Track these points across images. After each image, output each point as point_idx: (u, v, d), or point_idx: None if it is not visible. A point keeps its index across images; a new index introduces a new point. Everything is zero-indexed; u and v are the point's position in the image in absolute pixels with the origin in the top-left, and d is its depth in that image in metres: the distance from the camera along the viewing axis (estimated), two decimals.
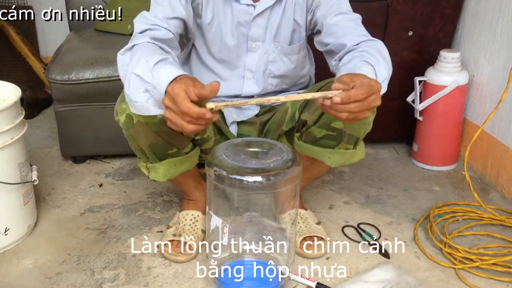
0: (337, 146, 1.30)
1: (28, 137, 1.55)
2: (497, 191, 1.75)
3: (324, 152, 1.31)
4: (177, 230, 1.41)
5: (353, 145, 1.32)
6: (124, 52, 1.14)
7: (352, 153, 1.33)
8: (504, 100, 1.48)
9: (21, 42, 2.47)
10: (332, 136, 1.28)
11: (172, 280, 1.31)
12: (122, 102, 1.21)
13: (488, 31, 1.77)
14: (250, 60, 1.39)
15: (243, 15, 1.34)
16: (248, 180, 1.13)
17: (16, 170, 1.39)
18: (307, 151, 1.33)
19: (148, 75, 1.03)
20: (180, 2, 1.26)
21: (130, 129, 1.22)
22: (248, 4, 1.32)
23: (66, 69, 1.75)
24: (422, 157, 1.91)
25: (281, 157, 1.18)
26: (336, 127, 1.26)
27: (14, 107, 1.36)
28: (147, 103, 1.05)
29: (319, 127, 1.28)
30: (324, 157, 1.32)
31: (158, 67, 1.04)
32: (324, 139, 1.29)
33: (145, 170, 1.34)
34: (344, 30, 1.30)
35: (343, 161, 1.34)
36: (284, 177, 1.15)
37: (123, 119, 1.22)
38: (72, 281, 1.30)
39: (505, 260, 1.33)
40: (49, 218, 1.58)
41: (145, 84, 1.04)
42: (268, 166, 1.16)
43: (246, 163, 1.16)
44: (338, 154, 1.31)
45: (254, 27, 1.35)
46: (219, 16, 1.33)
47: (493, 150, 1.77)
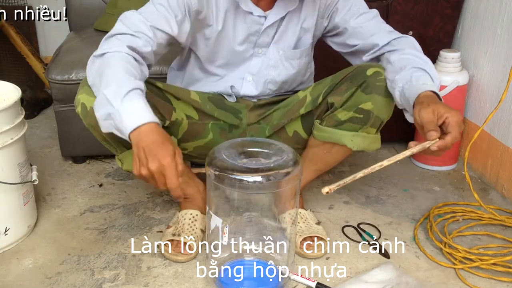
0: (360, 129, 1.32)
1: (28, 137, 1.55)
2: (497, 191, 1.75)
3: (347, 135, 1.33)
4: (176, 229, 1.41)
5: (376, 129, 1.34)
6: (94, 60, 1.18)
7: (374, 138, 1.35)
8: (504, 100, 1.48)
9: (21, 42, 2.47)
10: (358, 118, 1.31)
11: (172, 280, 1.31)
12: (78, 93, 1.23)
13: (488, 31, 1.77)
14: (253, 64, 1.40)
15: (255, 25, 1.34)
16: (248, 180, 1.13)
17: (16, 170, 1.39)
18: (328, 136, 1.35)
19: (117, 102, 1.07)
20: (176, 18, 1.25)
21: (86, 118, 1.23)
22: (260, 15, 1.33)
23: (66, 69, 1.75)
24: (422, 157, 1.91)
25: (281, 157, 1.18)
26: (365, 108, 1.29)
27: (14, 107, 1.36)
28: (104, 122, 1.10)
29: (346, 109, 1.31)
30: (346, 140, 1.33)
31: (129, 97, 1.07)
32: (348, 122, 1.32)
33: (119, 162, 1.35)
34: (369, 30, 1.36)
35: (364, 146, 1.35)
36: (285, 177, 1.15)
37: (79, 109, 1.23)
38: (72, 281, 1.30)
39: (505, 260, 1.33)
40: (49, 218, 1.58)
41: (110, 108, 1.07)
42: (268, 166, 1.16)
43: (246, 163, 1.16)
44: (361, 137, 1.33)
45: (263, 36, 1.37)
46: (229, 25, 1.33)
47: (493, 150, 1.77)
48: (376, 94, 1.29)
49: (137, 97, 1.08)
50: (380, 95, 1.29)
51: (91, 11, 2.17)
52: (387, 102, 1.30)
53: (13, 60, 2.58)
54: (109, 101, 1.07)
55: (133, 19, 1.22)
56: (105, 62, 1.15)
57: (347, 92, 1.31)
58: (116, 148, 1.32)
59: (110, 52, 1.16)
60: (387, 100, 1.30)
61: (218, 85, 1.44)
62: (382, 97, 1.29)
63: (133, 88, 1.08)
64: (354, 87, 1.31)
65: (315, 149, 1.41)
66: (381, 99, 1.29)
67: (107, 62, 1.15)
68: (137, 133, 1.05)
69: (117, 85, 1.08)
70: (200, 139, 1.43)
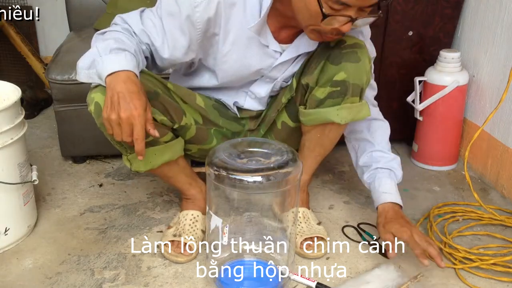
0: (343, 101, 1.29)
1: (28, 137, 1.55)
2: (497, 191, 1.75)
3: (331, 111, 1.30)
4: (177, 230, 1.41)
5: (359, 97, 1.30)
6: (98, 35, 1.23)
7: (358, 107, 1.31)
8: (504, 100, 1.48)
9: (21, 42, 2.47)
10: (336, 92, 1.27)
11: (172, 280, 1.31)
12: (91, 92, 1.22)
13: (488, 31, 1.77)
14: (257, 87, 1.40)
15: (268, 59, 1.32)
16: (248, 180, 1.13)
17: (16, 170, 1.39)
18: (314, 118, 1.32)
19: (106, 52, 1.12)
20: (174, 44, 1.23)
21: (100, 118, 1.20)
22: (276, 50, 1.31)
23: (66, 69, 1.75)
24: (422, 157, 1.91)
25: (281, 157, 1.18)
26: (339, 79, 1.26)
27: (14, 107, 1.36)
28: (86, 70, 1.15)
29: (321, 86, 1.28)
30: (332, 116, 1.30)
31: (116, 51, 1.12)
32: (328, 98, 1.29)
33: (127, 162, 1.33)
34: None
35: (352, 116, 1.31)
36: (285, 177, 1.15)
37: (93, 108, 1.22)
38: (72, 281, 1.30)
39: (505, 260, 1.33)
40: (49, 218, 1.58)
41: (97, 57, 1.12)
42: (268, 166, 1.15)
43: (246, 163, 1.16)
44: (345, 109, 1.29)
45: (274, 70, 1.35)
46: (239, 51, 1.29)
47: (493, 150, 1.77)
48: (345, 62, 1.25)
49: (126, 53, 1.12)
50: (350, 61, 1.25)
51: (91, 11, 2.17)
52: (359, 66, 1.26)
53: (13, 60, 2.58)
54: (99, 52, 1.12)
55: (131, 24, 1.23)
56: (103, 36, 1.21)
57: (316, 68, 1.29)
58: (127, 149, 1.30)
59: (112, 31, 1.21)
60: (358, 65, 1.25)
61: (220, 94, 1.44)
62: (352, 63, 1.25)
63: (125, 49, 1.13)
64: (322, 61, 1.28)
65: (309, 135, 1.39)
66: (352, 65, 1.25)
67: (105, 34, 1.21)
68: (115, 77, 1.08)
69: (109, 43, 1.13)
70: (205, 144, 1.43)
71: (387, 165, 1.43)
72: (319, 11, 1.10)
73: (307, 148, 1.42)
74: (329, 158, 1.60)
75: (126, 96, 1.06)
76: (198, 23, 1.20)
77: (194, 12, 1.19)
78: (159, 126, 1.27)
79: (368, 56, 1.27)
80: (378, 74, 1.87)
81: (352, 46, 1.26)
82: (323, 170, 1.84)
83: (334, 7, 1.10)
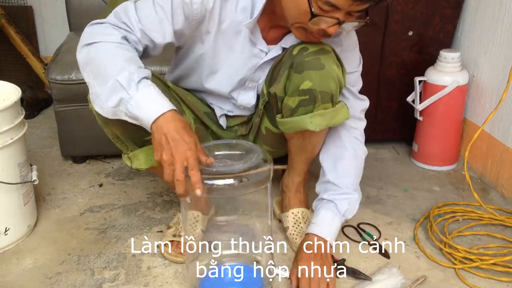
0: (314, 108, 1.25)
1: (28, 137, 1.55)
2: (497, 191, 1.75)
3: (305, 119, 1.26)
4: (177, 230, 1.41)
5: (331, 103, 1.26)
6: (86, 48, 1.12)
7: (332, 112, 1.27)
8: (504, 100, 1.48)
9: (21, 42, 2.47)
10: (305, 100, 1.24)
11: (172, 280, 1.31)
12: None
13: (488, 31, 1.77)
14: (244, 96, 1.38)
15: (254, 58, 1.31)
16: (218, 184, 1.09)
17: (16, 170, 1.39)
18: (291, 126, 1.30)
19: (132, 88, 1.05)
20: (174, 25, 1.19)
21: (101, 116, 1.19)
22: (261, 49, 1.30)
23: (66, 69, 1.75)
24: (422, 157, 1.91)
25: (252, 158, 1.14)
26: (305, 88, 1.22)
27: (14, 107, 1.36)
28: (115, 109, 1.08)
29: (290, 96, 1.26)
30: (306, 124, 1.26)
31: (143, 85, 1.06)
32: (300, 107, 1.26)
33: (128, 160, 1.33)
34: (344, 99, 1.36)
35: (326, 122, 1.27)
36: (256, 178, 1.12)
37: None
38: (72, 281, 1.30)
39: (505, 260, 1.33)
40: (49, 218, 1.58)
41: (124, 94, 1.06)
42: (238, 168, 1.11)
43: (216, 166, 1.12)
44: (318, 116, 1.26)
45: (258, 71, 1.33)
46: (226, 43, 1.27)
47: (493, 150, 1.77)
48: (308, 70, 1.21)
49: (150, 84, 1.08)
50: (313, 69, 1.20)
51: (91, 11, 2.18)
52: (324, 73, 1.21)
53: (13, 60, 2.58)
54: (123, 87, 1.05)
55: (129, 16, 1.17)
56: (105, 50, 1.11)
57: (282, 77, 1.26)
58: (128, 146, 1.30)
59: (108, 43, 1.12)
60: (323, 72, 1.20)
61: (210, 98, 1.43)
62: (316, 70, 1.20)
63: (144, 77, 1.08)
64: (286, 70, 1.25)
65: (292, 141, 1.39)
66: (316, 73, 1.20)
67: (107, 51, 1.11)
68: (160, 122, 1.04)
69: (129, 72, 1.06)
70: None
71: (332, 197, 1.36)
72: (308, 10, 1.10)
73: (294, 153, 1.42)
74: None
75: (175, 136, 1.04)
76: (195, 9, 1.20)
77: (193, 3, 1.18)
78: None
79: (335, 62, 1.22)
80: (378, 74, 1.87)
81: (316, 53, 1.21)
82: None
83: (324, 8, 1.09)
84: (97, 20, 1.18)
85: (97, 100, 1.12)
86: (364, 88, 1.42)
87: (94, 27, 1.16)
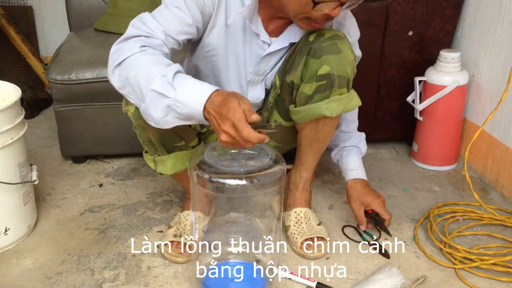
0: (331, 94, 1.28)
1: (28, 137, 1.55)
2: (497, 191, 1.75)
3: (321, 105, 1.29)
4: (178, 230, 1.41)
5: (346, 88, 1.30)
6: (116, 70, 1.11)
7: (348, 97, 1.31)
8: (504, 100, 1.48)
9: (21, 42, 2.47)
10: (323, 86, 1.27)
11: (172, 280, 1.31)
12: None
13: (488, 31, 1.77)
14: (252, 94, 1.39)
15: (258, 49, 1.32)
16: (230, 184, 1.09)
17: (16, 170, 1.39)
18: (306, 114, 1.32)
19: (170, 91, 1.03)
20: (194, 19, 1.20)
21: (139, 119, 1.18)
22: (264, 41, 1.31)
23: (66, 69, 1.75)
24: (422, 157, 1.91)
25: (264, 159, 1.15)
26: (323, 73, 1.26)
27: (14, 107, 1.36)
28: (167, 117, 1.06)
29: (307, 82, 1.29)
30: (323, 110, 1.29)
31: (179, 81, 1.04)
32: (316, 93, 1.29)
33: (152, 163, 1.34)
34: None
35: (342, 108, 1.31)
36: (268, 180, 1.12)
37: (133, 109, 1.21)
38: (72, 281, 1.30)
39: (505, 260, 1.33)
40: (49, 218, 1.58)
41: (167, 100, 1.04)
42: (251, 169, 1.12)
43: (229, 166, 1.13)
44: (335, 102, 1.29)
45: (262, 63, 1.35)
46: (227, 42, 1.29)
47: (493, 150, 1.77)
48: (326, 55, 1.25)
49: (184, 78, 1.06)
50: (331, 53, 1.25)
51: (91, 11, 2.18)
52: (341, 57, 1.25)
53: (13, 60, 2.58)
54: (162, 94, 1.04)
55: (146, 23, 1.17)
56: (131, 66, 1.09)
57: (299, 65, 1.29)
58: (158, 151, 1.30)
59: (131, 56, 1.10)
60: (340, 56, 1.25)
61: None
62: (333, 55, 1.25)
63: (175, 72, 1.06)
64: (304, 57, 1.28)
65: (304, 132, 1.39)
66: (334, 57, 1.25)
67: (133, 64, 1.09)
68: (207, 108, 1.03)
69: (160, 76, 1.05)
70: None
71: (353, 143, 1.55)
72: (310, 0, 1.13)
73: (304, 146, 1.42)
74: (329, 158, 1.60)
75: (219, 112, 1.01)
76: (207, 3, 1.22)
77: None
78: (189, 130, 1.29)
79: (349, 47, 1.27)
80: (378, 74, 1.87)
81: (332, 38, 1.26)
82: (323, 170, 1.84)
83: None
84: (119, 39, 1.16)
85: (149, 117, 1.09)
86: (364, 88, 1.42)
87: (117, 47, 1.15)
